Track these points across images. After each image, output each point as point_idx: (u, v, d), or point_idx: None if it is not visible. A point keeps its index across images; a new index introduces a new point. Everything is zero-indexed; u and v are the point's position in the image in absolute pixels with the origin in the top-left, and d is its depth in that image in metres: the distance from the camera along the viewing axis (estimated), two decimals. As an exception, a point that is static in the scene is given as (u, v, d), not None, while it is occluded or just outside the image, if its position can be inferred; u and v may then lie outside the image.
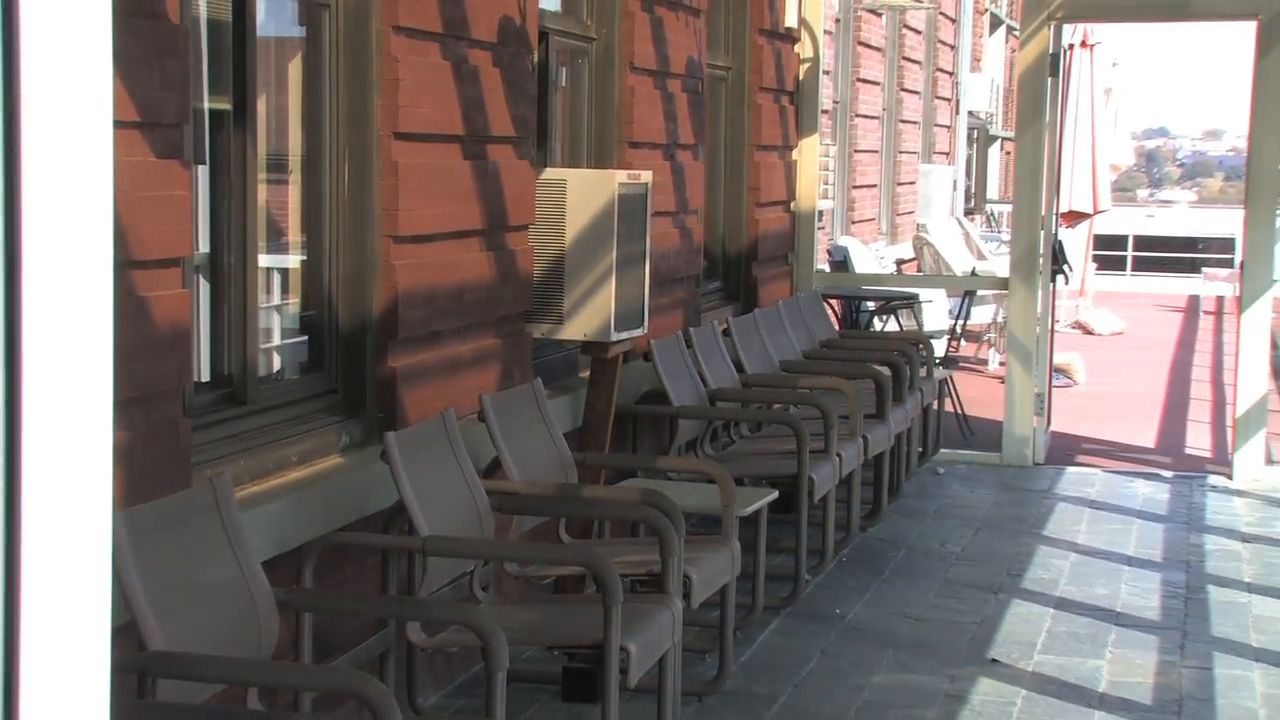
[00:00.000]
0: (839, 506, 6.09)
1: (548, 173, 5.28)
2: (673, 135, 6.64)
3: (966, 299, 10.41)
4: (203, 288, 3.89)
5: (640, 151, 6.26)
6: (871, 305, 9.63)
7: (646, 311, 5.47)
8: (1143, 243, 25.86)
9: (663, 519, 4.10)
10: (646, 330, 5.54)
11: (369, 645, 4.03)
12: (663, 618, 3.92)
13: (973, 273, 12.36)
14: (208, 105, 3.87)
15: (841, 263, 10.63)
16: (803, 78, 8.61)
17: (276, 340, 4.41)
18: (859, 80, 12.60)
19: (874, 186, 13.58)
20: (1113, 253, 23.31)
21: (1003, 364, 9.54)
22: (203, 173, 3.85)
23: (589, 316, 5.16)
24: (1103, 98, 13.21)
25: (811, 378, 6.81)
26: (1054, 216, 8.47)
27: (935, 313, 11.01)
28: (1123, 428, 9.38)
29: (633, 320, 5.34)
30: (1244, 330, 7.86)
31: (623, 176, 5.24)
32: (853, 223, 12.59)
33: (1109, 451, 8.73)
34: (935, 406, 7.84)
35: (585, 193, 5.17)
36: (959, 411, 8.87)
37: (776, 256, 8.44)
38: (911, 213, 14.83)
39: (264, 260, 4.12)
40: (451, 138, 4.66)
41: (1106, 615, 5.59)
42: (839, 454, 5.85)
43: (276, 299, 4.42)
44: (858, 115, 12.63)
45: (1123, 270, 23.70)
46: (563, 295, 5.18)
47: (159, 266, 3.36)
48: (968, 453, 8.31)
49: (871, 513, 6.76)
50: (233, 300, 3.92)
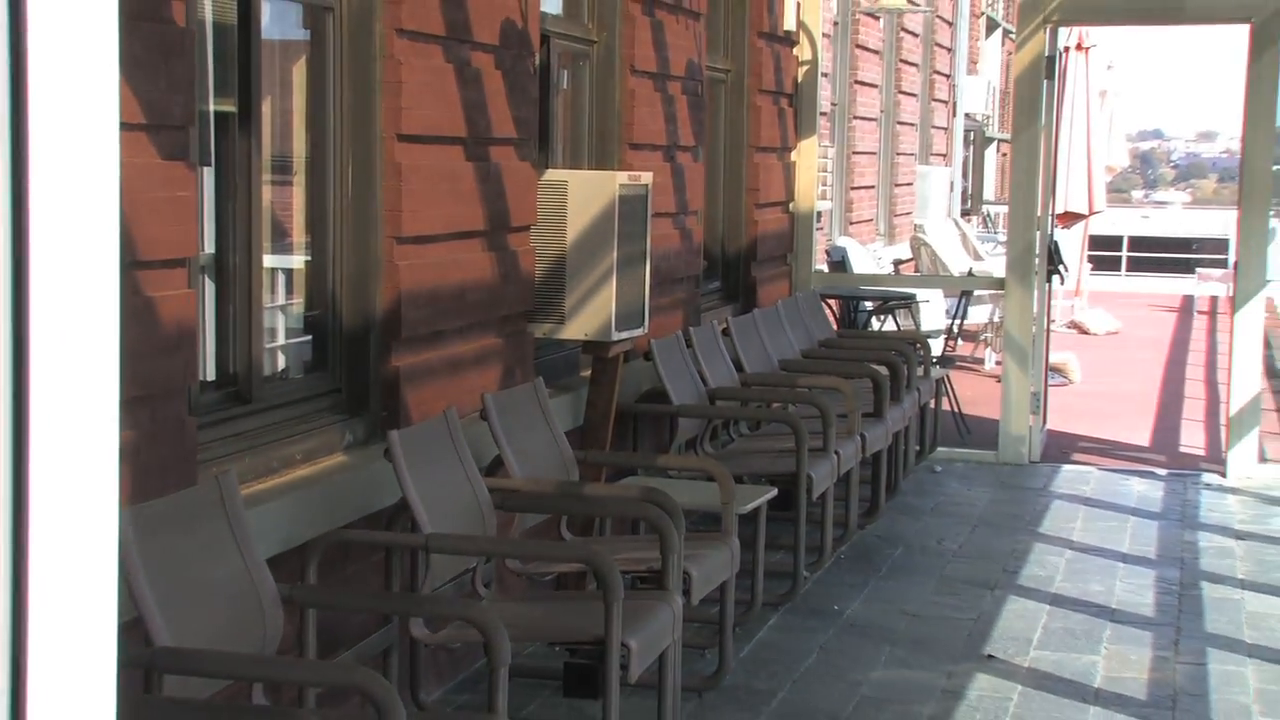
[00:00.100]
0: (837, 504, 6.11)
1: (549, 174, 5.28)
2: (673, 137, 6.65)
3: (963, 299, 10.43)
4: (208, 288, 3.88)
5: (641, 153, 6.27)
6: (869, 305, 9.65)
7: (647, 311, 5.47)
8: (1137, 243, 25.88)
9: (663, 516, 4.11)
10: (647, 330, 5.54)
11: (372, 641, 4.05)
12: (663, 614, 3.93)
13: (969, 273, 12.37)
14: (213, 107, 3.86)
15: (840, 263, 10.66)
16: (801, 80, 8.64)
17: (281, 340, 4.42)
18: (857, 83, 12.63)
19: (872, 188, 13.60)
20: (1108, 253, 23.32)
21: (999, 363, 9.58)
22: (208, 174, 3.84)
23: (590, 316, 5.17)
24: (1098, 100, 13.26)
25: (810, 377, 6.83)
26: (1050, 217, 8.48)
27: (932, 313, 11.03)
28: (1118, 426, 9.39)
29: (633, 320, 5.35)
30: (1237, 330, 7.87)
31: (623, 178, 5.23)
32: (851, 223, 12.61)
33: (1104, 450, 8.75)
34: (932, 405, 7.86)
35: (586, 194, 5.17)
36: (956, 410, 8.89)
37: (775, 257, 8.46)
38: (909, 214, 14.86)
39: (268, 261, 4.11)
40: (454, 139, 4.67)
41: (1102, 611, 5.61)
42: (837, 452, 5.88)
43: (281, 299, 4.42)
44: (856, 117, 12.65)
45: (1118, 270, 23.71)
46: (564, 295, 5.18)
47: (165, 267, 3.36)
48: (964, 451, 8.33)
49: (869, 510, 6.78)
50: (238, 300, 3.92)
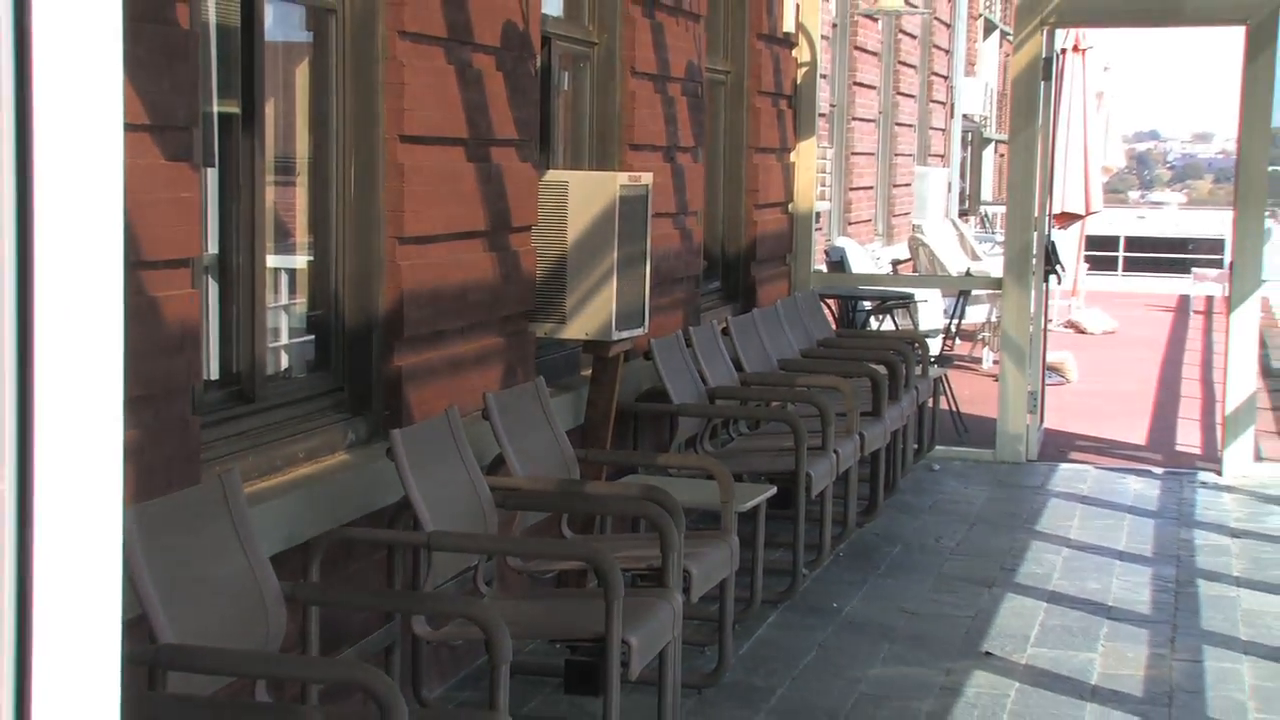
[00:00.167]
0: (836, 502, 6.13)
1: (550, 175, 5.29)
2: (673, 138, 6.67)
3: (961, 299, 10.45)
4: (212, 288, 3.90)
5: (641, 154, 6.29)
6: (868, 305, 9.67)
7: (647, 311, 5.48)
8: (1134, 243, 25.93)
9: (663, 515, 4.13)
10: (647, 329, 5.55)
11: (375, 638, 4.06)
12: (663, 611, 3.95)
13: (967, 273, 12.39)
14: (217, 109, 3.88)
15: (839, 263, 10.68)
16: (800, 82, 8.67)
17: (284, 339, 4.42)
18: (855, 84, 12.66)
19: (870, 188, 13.63)
20: (1104, 253, 23.36)
21: (996, 362, 9.60)
22: (212, 175, 3.85)
23: (591, 316, 5.18)
24: (1094, 101, 13.29)
25: (809, 376, 6.85)
26: (1047, 218, 8.52)
27: (930, 312, 11.05)
28: (1114, 425, 9.42)
29: (634, 320, 5.36)
30: (1233, 329, 7.89)
31: (624, 178, 5.24)
32: (850, 224, 12.64)
33: (1101, 448, 8.77)
34: (930, 404, 7.87)
35: (587, 194, 5.19)
36: (954, 409, 8.91)
37: (775, 257, 8.48)
38: (907, 214, 14.88)
39: (272, 261, 4.13)
40: (456, 140, 4.68)
41: (1098, 609, 5.64)
42: (836, 451, 5.90)
43: (284, 299, 4.43)
44: (854, 118, 12.68)
45: (1114, 270, 23.76)
46: (565, 295, 5.19)
47: (169, 267, 3.37)
48: (962, 450, 8.35)
49: (868, 508, 6.80)
50: (241, 300, 3.93)
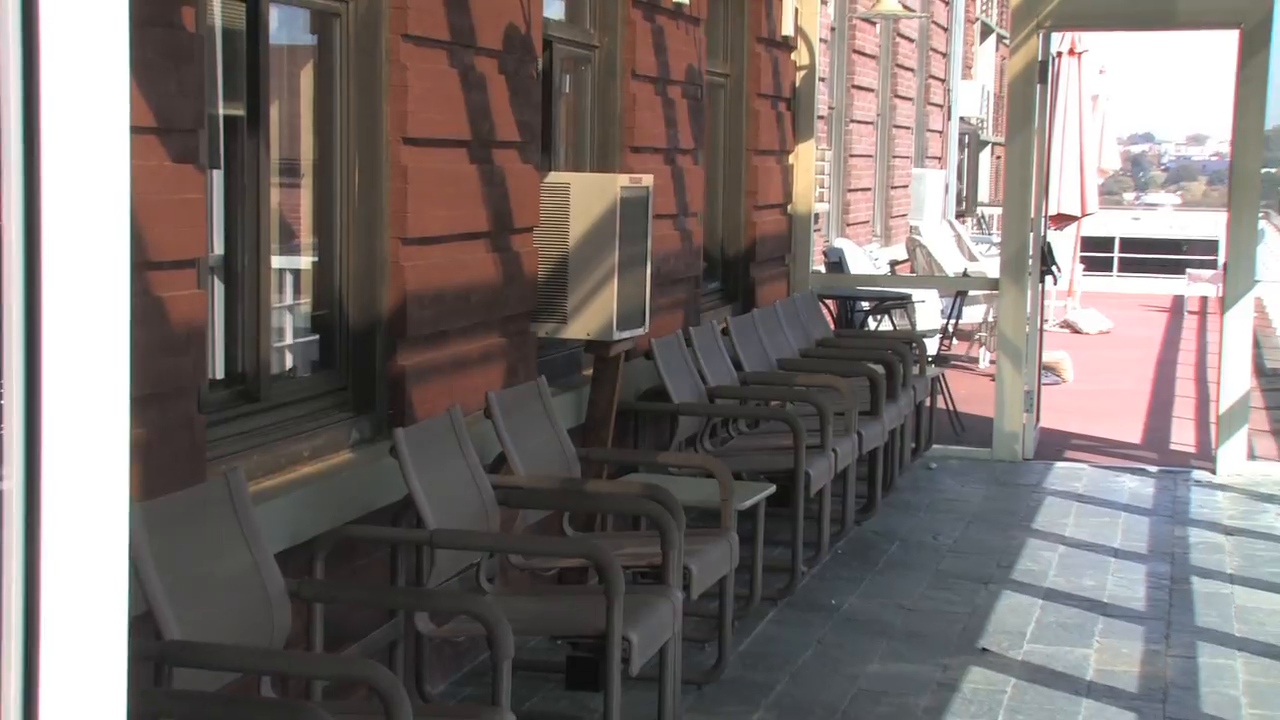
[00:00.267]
0: (834, 500, 6.17)
1: (552, 176, 5.30)
2: (673, 140, 6.69)
3: (958, 299, 10.50)
4: (217, 288, 3.92)
5: (641, 156, 6.31)
6: (866, 305, 9.71)
7: (648, 311, 5.49)
8: (1129, 245, 25.98)
9: (663, 513, 4.15)
10: (648, 330, 5.57)
11: (378, 635, 4.08)
12: (663, 608, 3.97)
13: (964, 274, 12.43)
14: (222, 111, 3.90)
15: (837, 264, 10.71)
16: (799, 84, 8.70)
17: (289, 339, 4.44)
18: (854, 87, 12.70)
19: (868, 190, 13.67)
20: (1100, 254, 23.40)
21: (993, 362, 9.62)
22: (217, 177, 3.87)
23: (592, 316, 5.20)
24: (1090, 104, 13.34)
25: (808, 376, 6.87)
26: (1043, 219, 8.55)
27: (928, 312, 11.08)
28: (1110, 424, 9.44)
29: (634, 320, 5.37)
30: (1227, 329, 7.91)
31: (625, 180, 5.26)
32: (848, 225, 12.68)
33: (1096, 447, 8.80)
34: (928, 403, 7.90)
35: (588, 196, 5.20)
36: (951, 408, 8.93)
37: (774, 258, 8.51)
38: (905, 215, 14.92)
39: (276, 261, 4.15)
40: (459, 142, 4.70)
41: (1094, 606, 5.66)
42: (834, 450, 5.93)
43: (289, 299, 4.44)
44: (853, 121, 12.71)
45: (1109, 271, 23.81)
46: (566, 295, 5.20)
47: (175, 268, 3.40)
48: (959, 448, 8.37)
49: (866, 507, 6.83)
50: (246, 300, 3.95)
